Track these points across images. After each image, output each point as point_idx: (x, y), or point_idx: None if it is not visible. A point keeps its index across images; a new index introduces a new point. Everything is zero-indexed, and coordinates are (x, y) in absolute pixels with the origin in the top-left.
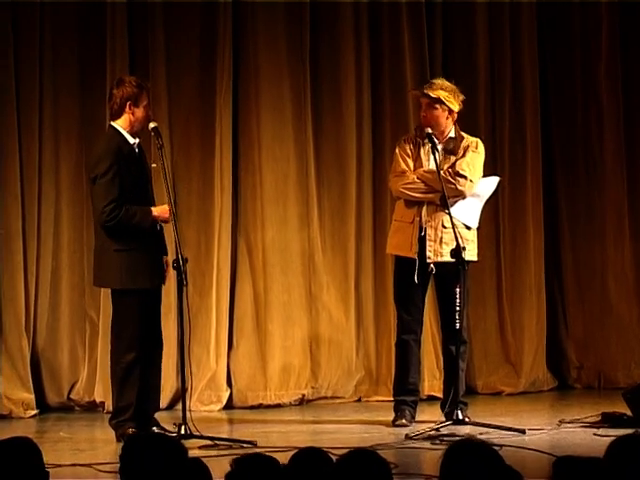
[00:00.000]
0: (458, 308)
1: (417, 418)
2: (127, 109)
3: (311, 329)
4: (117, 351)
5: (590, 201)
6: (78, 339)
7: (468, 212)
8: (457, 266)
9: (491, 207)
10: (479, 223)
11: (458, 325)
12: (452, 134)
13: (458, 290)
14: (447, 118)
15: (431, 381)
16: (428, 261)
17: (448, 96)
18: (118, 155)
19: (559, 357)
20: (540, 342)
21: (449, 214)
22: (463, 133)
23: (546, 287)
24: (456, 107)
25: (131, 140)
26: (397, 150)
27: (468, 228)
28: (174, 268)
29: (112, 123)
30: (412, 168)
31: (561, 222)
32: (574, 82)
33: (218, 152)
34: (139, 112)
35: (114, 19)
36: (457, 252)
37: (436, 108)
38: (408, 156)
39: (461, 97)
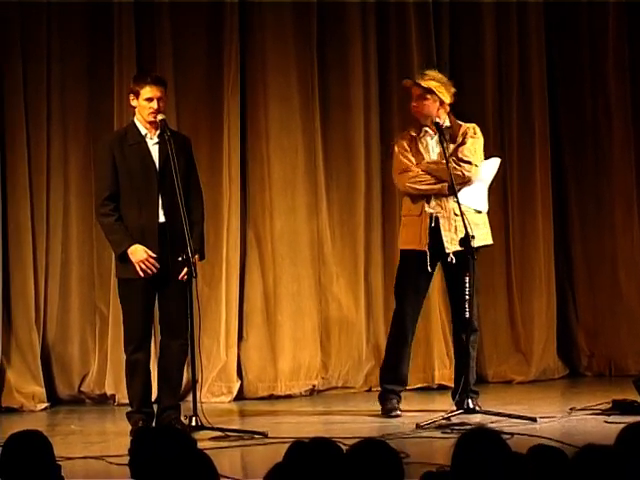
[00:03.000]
0: (468, 297)
1: (427, 407)
2: (131, 101)
3: (321, 320)
4: (124, 342)
5: (599, 190)
6: (88, 332)
7: (475, 196)
8: (466, 255)
9: (500, 196)
10: (488, 206)
11: (468, 314)
12: (447, 124)
13: (467, 279)
14: (438, 109)
15: (441, 370)
16: (447, 251)
17: (439, 87)
18: (112, 145)
19: (570, 345)
20: (550, 330)
21: (457, 202)
22: (459, 121)
23: (556, 276)
24: (447, 99)
25: (144, 132)
26: (395, 149)
27: (479, 212)
28: (183, 260)
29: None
30: (414, 163)
31: (570, 211)
32: (582, 74)
33: (226, 143)
34: (139, 105)
35: (121, 13)
36: (466, 241)
37: (427, 98)
38: (408, 152)
39: (452, 90)
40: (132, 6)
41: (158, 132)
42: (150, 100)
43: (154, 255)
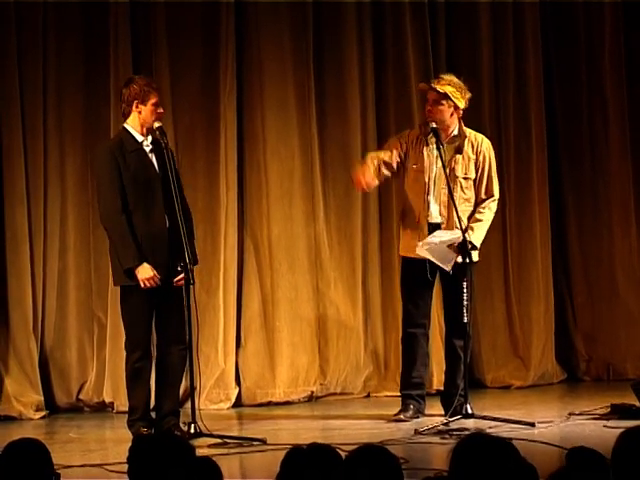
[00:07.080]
0: (466, 302)
1: (426, 412)
2: (134, 108)
3: (319, 325)
4: (126, 350)
5: (596, 193)
6: (86, 340)
7: None
8: (463, 260)
9: (498, 200)
10: None
11: (466, 319)
12: (456, 131)
13: (465, 284)
14: (452, 115)
15: (440, 376)
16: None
17: (455, 92)
18: (114, 152)
19: (568, 350)
20: (548, 335)
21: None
22: (467, 129)
23: (553, 280)
24: (462, 104)
25: (139, 138)
26: (397, 136)
27: None
28: (181, 268)
29: (124, 123)
30: (393, 159)
31: (568, 215)
32: (578, 76)
33: (223, 150)
34: (146, 110)
35: (117, 19)
36: (463, 247)
37: (442, 104)
38: (397, 147)
39: (468, 95)
40: (128, 12)
41: (150, 139)
42: (157, 105)
43: (158, 276)
